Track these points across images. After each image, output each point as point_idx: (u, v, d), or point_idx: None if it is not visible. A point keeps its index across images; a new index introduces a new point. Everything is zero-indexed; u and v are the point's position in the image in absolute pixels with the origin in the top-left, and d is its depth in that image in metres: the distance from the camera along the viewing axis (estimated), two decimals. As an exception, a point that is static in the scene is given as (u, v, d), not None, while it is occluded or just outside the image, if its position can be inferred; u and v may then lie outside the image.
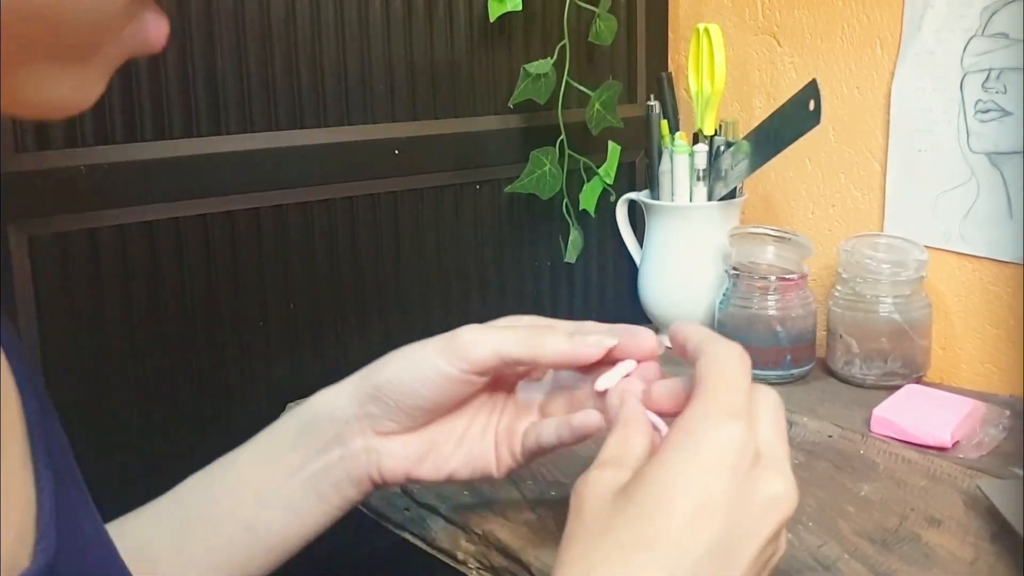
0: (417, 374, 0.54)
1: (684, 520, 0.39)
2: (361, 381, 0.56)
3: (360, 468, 0.56)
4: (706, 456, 0.40)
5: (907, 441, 0.78)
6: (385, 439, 0.55)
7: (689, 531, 0.39)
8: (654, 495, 0.40)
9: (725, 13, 1.11)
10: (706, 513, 0.39)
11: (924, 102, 0.94)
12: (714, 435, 0.40)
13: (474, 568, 0.64)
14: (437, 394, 0.54)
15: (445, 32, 0.97)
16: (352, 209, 0.94)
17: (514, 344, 0.52)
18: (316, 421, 0.56)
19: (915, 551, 0.62)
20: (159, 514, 0.57)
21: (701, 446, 0.40)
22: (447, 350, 0.54)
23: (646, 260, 1.05)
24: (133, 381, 0.83)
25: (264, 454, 0.57)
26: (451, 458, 0.56)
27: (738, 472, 0.40)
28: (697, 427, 0.41)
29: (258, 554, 0.56)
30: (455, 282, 1.02)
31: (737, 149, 0.98)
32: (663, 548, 0.39)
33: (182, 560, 0.55)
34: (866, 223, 1.01)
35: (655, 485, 0.40)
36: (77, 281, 0.80)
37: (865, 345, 0.91)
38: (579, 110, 1.03)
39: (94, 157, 0.79)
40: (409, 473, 0.56)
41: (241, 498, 0.56)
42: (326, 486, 0.56)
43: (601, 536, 0.40)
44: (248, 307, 0.89)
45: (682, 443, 0.41)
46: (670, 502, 0.39)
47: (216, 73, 0.84)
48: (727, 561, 0.39)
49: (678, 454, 0.40)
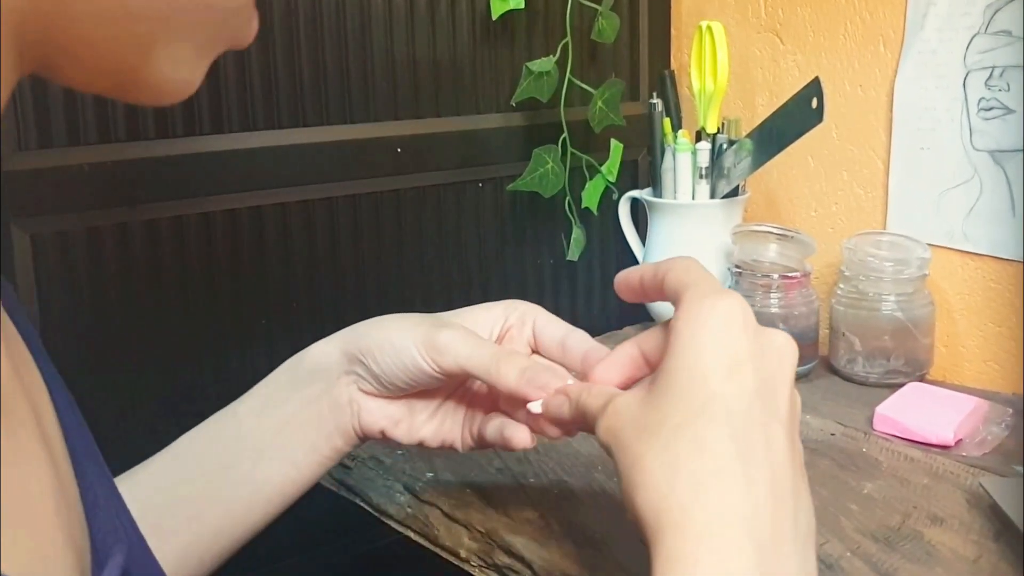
0: (395, 359, 0.56)
1: (723, 378, 0.41)
2: (348, 342, 0.59)
3: (345, 419, 0.58)
4: (718, 323, 0.42)
5: (910, 439, 0.78)
6: (366, 396, 0.58)
7: (732, 386, 0.41)
8: (686, 373, 0.42)
9: (728, 11, 1.11)
10: (738, 368, 0.41)
11: (927, 100, 0.94)
12: (719, 306, 0.43)
13: (477, 566, 0.64)
14: (411, 380, 0.56)
15: (447, 30, 0.97)
16: (354, 207, 0.94)
17: (476, 365, 0.54)
18: (309, 372, 0.59)
19: (918, 549, 0.62)
20: (158, 472, 0.58)
21: (711, 318, 0.42)
22: (425, 346, 0.55)
23: (648, 258, 1.05)
24: (135, 379, 0.84)
25: (261, 405, 0.60)
26: (423, 427, 0.59)
27: (748, 330, 0.42)
28: (699, 308, 0.43)
29: (257, 506, 0.58)
30: (457, 280, 1.02)
31: (740, 147, 0.98)
32: (716, 408, 0.40)
33: (183, 516, 0.57)
34: (869, 221, 1.00)
35: (682, 366, 0.42)
36: (79, 279, 0.80)
37: (868, 343, 0.91)
38: (582, 108, 1.03)
39: (96, 155, 0.79)
40: (384, 431, 0.59)
41: (241, 450, 0.58)
42: (317, 436, 0.58)
43: (655, 432, 0.41)
44: (250, 305, 0.89)
45: (692, 324, 0.43)
46: (704, 371, 0.41)
47: (218, 72, 0.84)
48: (771, 405, 0.42)
49: (691, 333, 0.42)
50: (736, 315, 0.42)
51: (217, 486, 0.58)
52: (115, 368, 0.82)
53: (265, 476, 0.58)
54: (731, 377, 0.41)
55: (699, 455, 0.40)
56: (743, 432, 0.40)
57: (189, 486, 0.58)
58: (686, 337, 0.42)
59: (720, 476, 0.39)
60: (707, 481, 0.39)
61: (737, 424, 0.40)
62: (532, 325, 0.59)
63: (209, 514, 0.57)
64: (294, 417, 0.58)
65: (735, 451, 0.40)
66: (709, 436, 0.40)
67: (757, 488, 0.39)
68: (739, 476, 0.39)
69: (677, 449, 0.40)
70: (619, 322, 1.13)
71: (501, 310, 0.60)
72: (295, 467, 0.58)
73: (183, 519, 0.57)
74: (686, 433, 0.40)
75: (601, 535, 0.64)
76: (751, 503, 0.39)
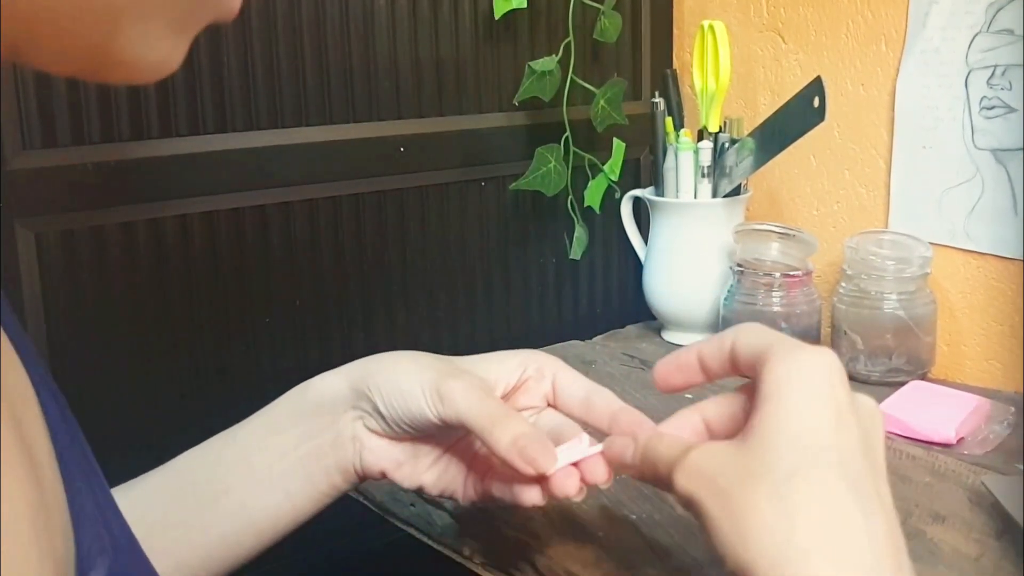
0: (401, 401, 0.55)
1: (833, 430, 0.40)
2: (357, 377, 0.57)
3: (347, 456, 0.57)
4: (821, 376, 0.41)
5: (912, 437, 0.78)
6: (370, 434, 0.57)
7: (843, 438, 0.40)
8: (794, 423, 0.41)
9: (730, 10, 1.11)
10: (846, 420, 0.41)
11: (929, 99, 0.94)
12: (818, 359, 0.42)
13: (479, 564, 0.64)
14: (416, 424, 0.55)
15: (450, 29, 0.98)
16: (357, 206, 0.94)
17: (476, 423, 0.52)
18: (314, 404, 0.58)
19: (920, 547, 0.62)
20: (154, 487, 0.57)
21: (813, 370, 0.42)
22: (431, 392, 0.54)
23: (651, 257, 1.05)
24: (139, 377, 0.84)
25: (262, 433, 0.58)
26: (425, 473, 0.58)
27: (846, 387, 0.42)
28: (796, 362, 0.42)
29: (248, 535, 0.57)
30: (460, 279, 1.03)
31: (742, 146, 0.98)
32: (831, 458, 0.40)
33: (174, 536, 0.55)
34: (871, 220, 1.01)
35: (787, 416, 0.41)
36: (84, 278, 0.80)
37: (870, 342, 0.91)
38: (584, 107, 1.03)
39: (101, 155, 0.80)
40: (385, 472, 0.57)
41: (238, 475, 0.57)
42: (316, 470, 0.57)
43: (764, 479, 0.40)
44: (254, 304, 0.89)
45: (792, 377, 0.42)
46: (814, 421, 0.40)
47: (222, 71, 0.85)
48: (874, 457, 0.41)
49: (793, 385, 0.41)
50: (836, 369, 0.42)
51: (210, 510, 0.56)
52: (118, 366, 0.82)
53: (259, 505, 0.56)
54: (840, 429, 0.40)
55: (819, 503, 0.39)
56: (859, 483, 0.40)
57: (182, 507, 0.56)
58: (785, 391, 0.41)
59: (843, 525, 0.39)
60: (829, 530, 0.39)
61: (852, 475, 0.40)
62: (552, 380, 0.58)
63: (200, 537, 0.56)
64: (294, 449, 0.57)
65: (854, 501, 0.39)
66: (828, 485, 0.39)
67: (878, 539, 0.39)
68: (861, 526, 0.39)
69: (794, 497, 0.39)
70: (621, 321, 1.13)
71: (518, 361, 0.58)
72: (289, 500, 0.57)
73: (174, 539, 0.55)
74: (803, 481, 0.39)
75: (604, 533, 0.65)
76: (874, 554, 0.39)
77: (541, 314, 1.10)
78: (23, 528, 0.27)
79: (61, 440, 0.33)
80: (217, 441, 0.59)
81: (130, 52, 0.29)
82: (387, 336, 0.97)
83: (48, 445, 0.32)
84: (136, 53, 0.29)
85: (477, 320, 1.04)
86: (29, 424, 0.31)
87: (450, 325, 1.02)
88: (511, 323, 1.07)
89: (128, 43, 0.29)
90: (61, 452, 0.32)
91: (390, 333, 0.98)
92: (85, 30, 0.28)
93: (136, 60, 0.29)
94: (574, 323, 1.12)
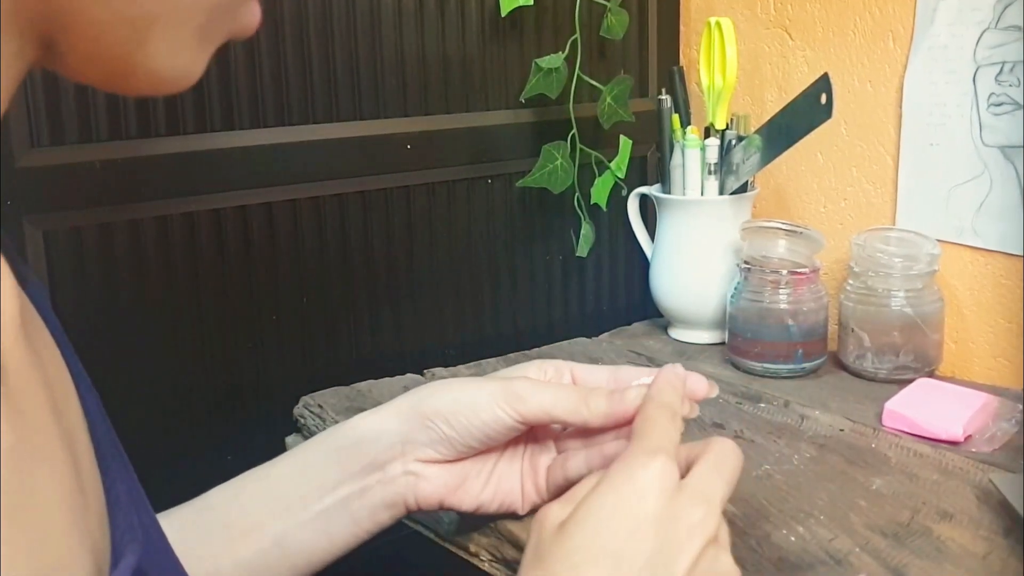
0: (473, 416, 0.56)
1: (623, 537, 0.43)
2: (410, 408, 0.57)
3: (397, 492, 0.57)
4: (636, 485, 0.44)
5: (919, 435, 0.78)
6: (425, 465, 0.57)
7: (629, 546, 0.43)
8: (593, 520, 0.44)
9: (737, 7, 1.11)
10: (640, 531, 0.43)
11: (937, 96, 0.94)
12: (640, 468, 0.45)
13: (486, 560, 0.64)
14: (488, 435, 0.56)
15: (457, 27, 0.98)
16: (364, 204, 0.94)
17: (563, 407, 0.55)
18: (357, 443, 0.57)
19: (927, 545, 0.62)
20: (187, 519, 0.57)
21: (631, 477, 0.45)
22: (504, 398, 0.55)
23: (657, 254, 1.05)
24: (146, 374, 0.84)
25: (299, 470, 0.58)
26: (482, 492, 0.59)
27: (663, 497, 0.44)
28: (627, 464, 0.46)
29: (282, 571, 0.56)
30: (467, 276, 1.03)
31: (749, 143, 0.98)
32: (607, 563, 0.42)
33: (204, 569, 0.55)
34: (878, 217, 1.00)
35: (594, 512, 0.44)
36: (91, 276, 0.80)
37: (877, 339, 0.91)
38: (590, 104, 1.03)
39: (108, 152, 0.80)
40: (443, 500, 0.58)
41: (272, 511, 0.57)
42: (360, 508, 0.57)
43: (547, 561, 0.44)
44: (261, 301, 0.89)
45: (614, 477, 0.45)
46: (609, 522, 0.43)
47: (229, 69, 0.85)
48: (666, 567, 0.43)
49: (611, 486, 0.45)
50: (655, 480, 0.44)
51: (242, 545, 0.56)
52: (126, 363, 0.83)
53: (295, 542, 0.56)
54: (632, 537, 0.43)
55: None
56: None
57: (213, 540, 0.56)
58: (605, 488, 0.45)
59: None
60: None
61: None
62: (571, 377, 0.60)
63: (230, 570, 0.56)
64: (335, 488, 0.57)
65: None
66: None
67: None
68: None
69: None
70: (627, 318, 1.13)
71: (536, 368, 0.60)
72: (328, 538, 0.57)
73: (204, 571, 0.55)
74: None
75: (610, 530, 0.65)
76: None
77: (547, 311, 1.10)
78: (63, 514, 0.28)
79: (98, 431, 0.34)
80: (250, 476, 0.59)
81: (156, 61, 0.30)
82: (393, 332, 0.98)
83: (87, 436, 0.33)
84: (162, 63, 0.30)
85: (484, 317, 1.05)
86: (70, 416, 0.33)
87: (456, 322, 1.02)
88: (518, 320, 1.07)
89: (156, 52, 0.29)
90: (98, 443, 0.33)
91: (397, 330, 0.98)
92: (118, 37, 0.29)
93: (161, 69, 0.30)
94: (580, 320, 1.12)
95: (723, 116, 1.01)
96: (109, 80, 0.31)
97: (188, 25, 0.30)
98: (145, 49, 0.29)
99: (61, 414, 0.31)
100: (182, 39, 0.30)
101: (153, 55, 0.29)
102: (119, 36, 0.29)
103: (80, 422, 0.33)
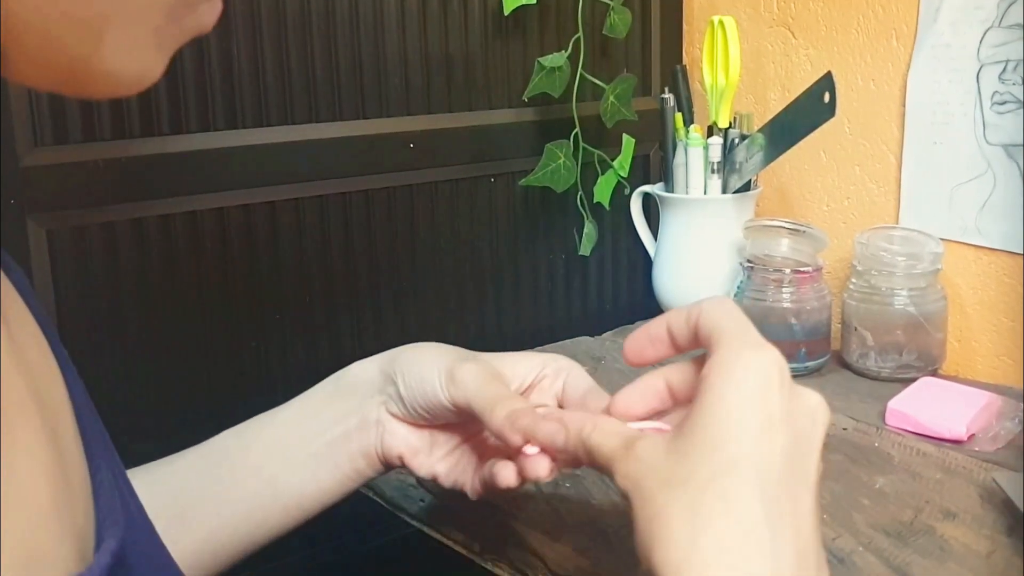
0: (420, 384, 0.57)
1: (754, 438, 0.40)
2: (386, 361, 0.59)
3: (369, 440, 0.59)
4: (754, 380, 0.41)
5: (922, 434, 0.78)
6: (392, 419, 0.59)
7: (763, 447, 0.40)
8: (717, 429, 0.41)
9: (740, 5, 1.11)
10: (772, 428, 0.41)
11: (940, 94, 0.94)
12: (756, 361, 0.42)
13: (490, 559, 0.64)
14: (429, 408, 0.57)
15: (459, 25, 0.98)
16: (367, 202, 0.94)
17: (479, 401, 0.53)
18: (348, 386, 0.60)
19: (930, 544, 0.62)
20: (191, 462, 0.60)
21: (748, 372, 0.42)
22: (446, 377, 0.55)
23: (660, 253, 1.05)
24: (150, 373, 0.84)
25: (300, 415, 0.61)
26: (439, 463, 0.59)
27: (784, 389, 0.42)
28: (736, 360, 0.42)
29: (274, 513, 0.59)
30: (469, 275, 1.03)
31: (752, 142, 0.98)
32: (746, 468, 0.40)
33: (206, 509, 0.57)
34: (881, 216, 1.00)
35: (713, 421, 0.41)
36: (95, 274, 0.81)
37: (880, 338, 0.91)
38: (593, 103, 1.03)
39: (111, 151, 0.80)
40: (402, 458, 0.59)
41: (271, 453, 0.59)
42: (342, 453, 0.59)
43: (681, 486, 0.40)
44: (264, 300, 0.89)
45: (726, 377, 0.42)
46: (736, 428, 0.40)
47: (232, 67, 0.85)
48: (801, 468, 0.41)
49: (726, 386, 0.41)
50: (773, 373, 0.42)
51: (241, 486, 0.58)
52: (130, 361, 0.83)
53: (287, 485, 0.58)
54: (763, 438, 0.40)
55: (726, 515, 0.39)
56: (773, 495, 0.40)
57: (216, 482, 0.59)
58: (719, 391, 0.41)
59: (746, 539, 0.38)
60: (733, 543, 0.38)
61: (767, 486, 0.40)
62: (564, 379, 0.59)
63: (229, 511, 0.58)
64: (325, 432, 0.59)
65: (763, 514, 0.39)
66: (738, 496, 0.39)
67: (782, 554, 0.39)
68: (765, 540, 0.39)
69: (703, 507, 0.39)
70: (630, 317, 1.13)
71: (539, 361, 0.60)
72: (316, 481, 0.59)
73: (206, 512, 0.57)
74: (714, 491, 0.39)
75: (613, 530, 0.65)
76: (774, 569, 0.38)
77: (550, 310, 1.10)
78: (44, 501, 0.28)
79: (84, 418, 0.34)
80: (256, 421, 0.61)
81: (113, 63, 0.29)
82: (397, 331, 0.98)
83: (73, 423, 0.33)
84: (119, 64, 0.29)
85: (486, 316, 1.05)
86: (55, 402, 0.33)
87: (459, 321, 1.02)
88: (520, 319, 1.07)
89: (111, 53, 0.29)
90: (84, 430, 0.33)
91: (400, 329, 0.98)
92: (72, 39, 0.28)
93: (118, 71, 0.29)
94: (583, 319, 1.12)
95: (726, 115, 1.01)
96: (66, 84, 0.30)
97: (144, 25, 0.29)
98: (100, 51, 0.28)
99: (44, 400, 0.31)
100: (139, 39, 0.29)
101: (109, 56, 0.29)
102: (74, 38, 0.28)
103: (65, 408, 0.33)
